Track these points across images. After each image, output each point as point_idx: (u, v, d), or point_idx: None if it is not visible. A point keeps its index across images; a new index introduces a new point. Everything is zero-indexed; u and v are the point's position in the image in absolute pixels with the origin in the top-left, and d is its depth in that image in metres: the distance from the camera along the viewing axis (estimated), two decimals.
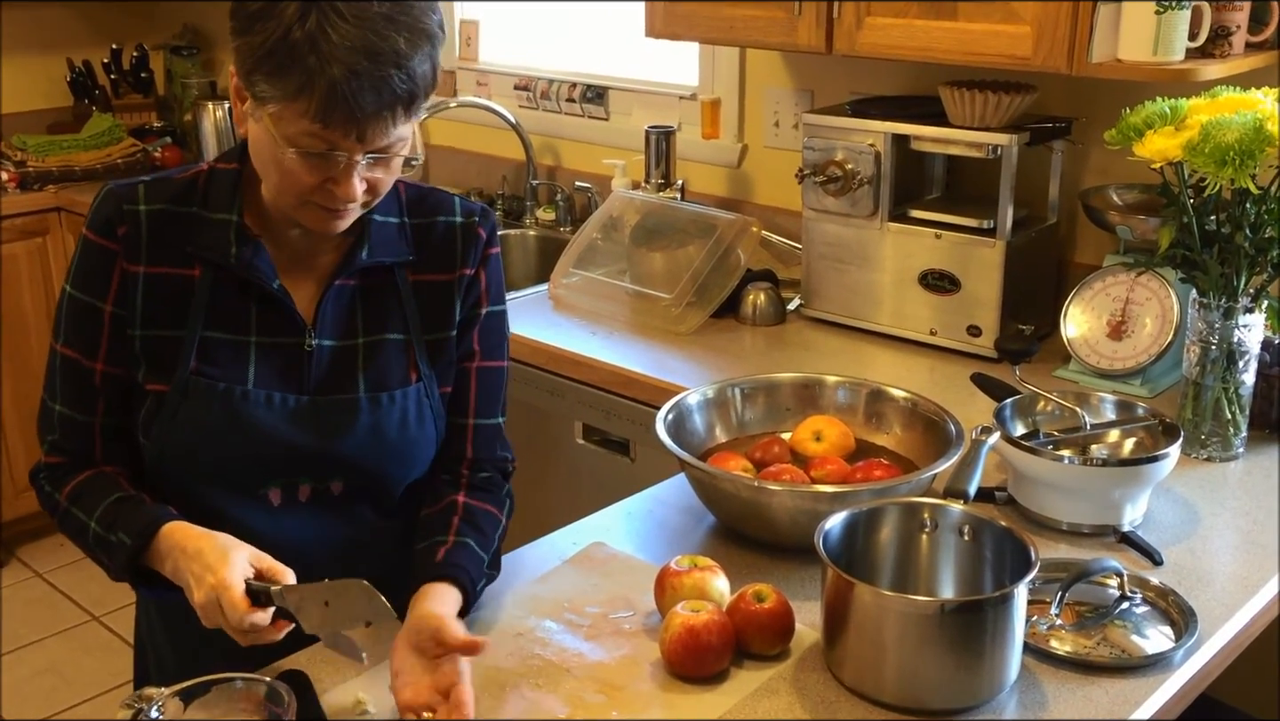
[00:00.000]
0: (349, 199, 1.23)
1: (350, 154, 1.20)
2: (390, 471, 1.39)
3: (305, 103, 1.15)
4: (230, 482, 1.34)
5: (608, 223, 2.63)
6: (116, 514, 1.29)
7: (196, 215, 1.31)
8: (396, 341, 1.37)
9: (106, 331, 1.31)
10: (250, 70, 1.18)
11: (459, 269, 1.40)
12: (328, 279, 1.35)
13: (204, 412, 1.30)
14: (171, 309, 1.31)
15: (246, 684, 1.08)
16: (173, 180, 1.34)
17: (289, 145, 1.19)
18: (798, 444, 1.66)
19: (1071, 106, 2.23)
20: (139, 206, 1.30)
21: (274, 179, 1.25)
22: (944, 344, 2.20)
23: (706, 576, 1.36)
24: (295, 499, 1.37)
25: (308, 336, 1.34)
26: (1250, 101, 1.68)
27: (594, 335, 2.32)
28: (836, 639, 1.26)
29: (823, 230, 2.30)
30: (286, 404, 1.33)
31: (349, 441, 1.34)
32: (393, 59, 1.15)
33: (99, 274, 1.31)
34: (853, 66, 2.50)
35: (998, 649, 1.21)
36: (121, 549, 1.26)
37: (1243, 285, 1.71)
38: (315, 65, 1.13)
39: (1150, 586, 1.42)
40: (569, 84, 3.11)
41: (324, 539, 1.36)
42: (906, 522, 1.36)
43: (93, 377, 1.33)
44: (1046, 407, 1.66)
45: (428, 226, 1.40)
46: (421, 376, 1.38)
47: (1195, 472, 1.73)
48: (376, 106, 1.16)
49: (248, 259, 1.30)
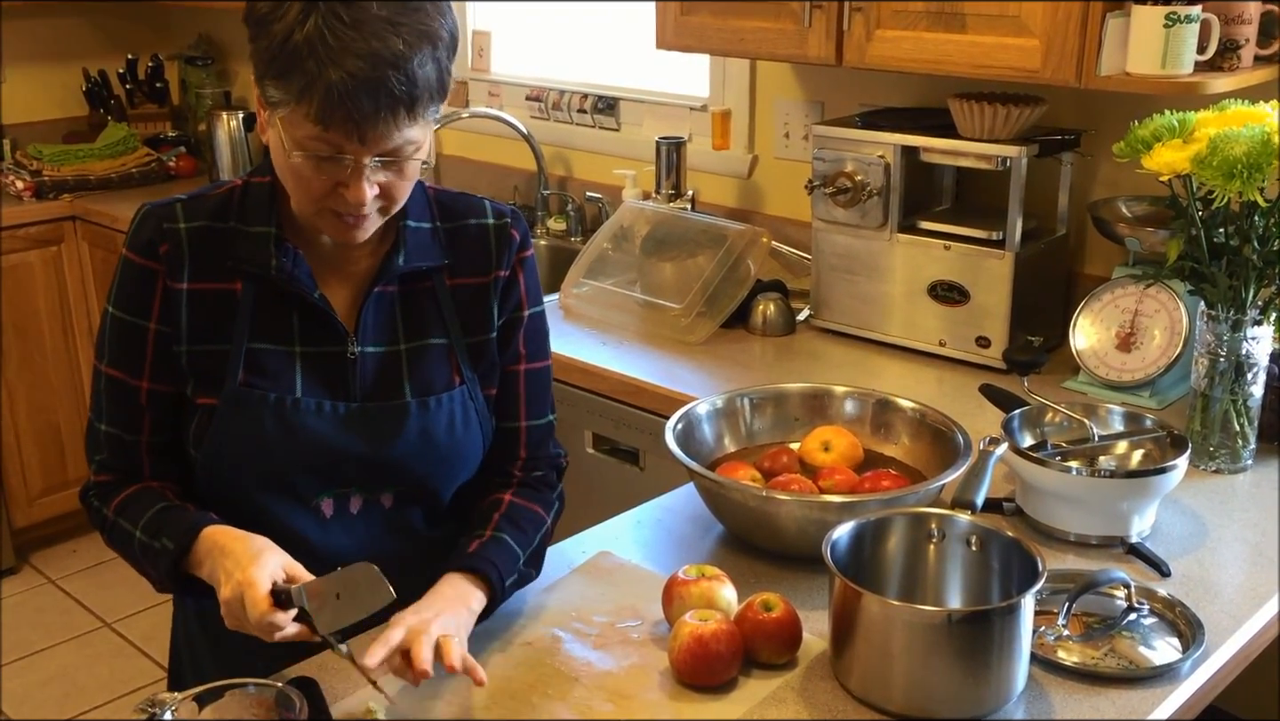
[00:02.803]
0: (358, 202, 1.23)
1: (356, 157, 1.20)
2: (439, 476, 1.40)
3: (307, 105, 1.16)
4: (283, 493, 1.35)
5: (618, 233, 2.64)
6: (161, 521, 1.30)
7: (235, 230, 1.33)
8: (439, 346, 1.38)
9: (151, 349, 1.33)
10: (261, 75, 1.21)
11: (494, 271, 1.40)
12: (366, 286, 1.36)
13: (256, 423, 1.31)
14: (216, 323, 1.32)
15: (259, 689, 1.09)
16: (208, 197, 1.35)
17: (297, 149, 1.20)
18: (806, 454, 1.66)
19: (1080, 119, 2.23)
20: (179, 225, 1.32)
21: (289, 185, 1.27)
22: (953, 355, 2.21)
23: (714, 586, 1.36)
24: (347, 510, 1.38)
25: (350, 344, 1.35)
26: (1258, 115, 1.68)
27: (604, 345, 2.33)
28: (844, 648, 1.27)
29: (832, 241, 2.31)
30: (337, 411, 1.33)
31: (399, 446, 1.35)
32: (390, 61, 1.15)
33: (142, 293, 1.32)
34: (862, 78, 2.51)
35: (1005, 659, 1.22)
36: (164, 554, 1.28)
37: (1251, 297, 1.71)
38: (314, 69, 1.14)
39: (1158, 597, 1.42)
40: (580, 95, 3.13)
41: (374, 552, 1.31)
42: (914, 533, 1.36)
43: (139, 396, 1.34)
44: (1054, 419, 1.66)
45: (460, 230, 1.40)
46: (465, 380, 1.39)
47: (1203, 484, 1.74)
48: (374, 109, 1.16)
49: (288, 270, 1.32)
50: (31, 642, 3.28)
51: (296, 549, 1.25)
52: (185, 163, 3.89)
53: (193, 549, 1.26)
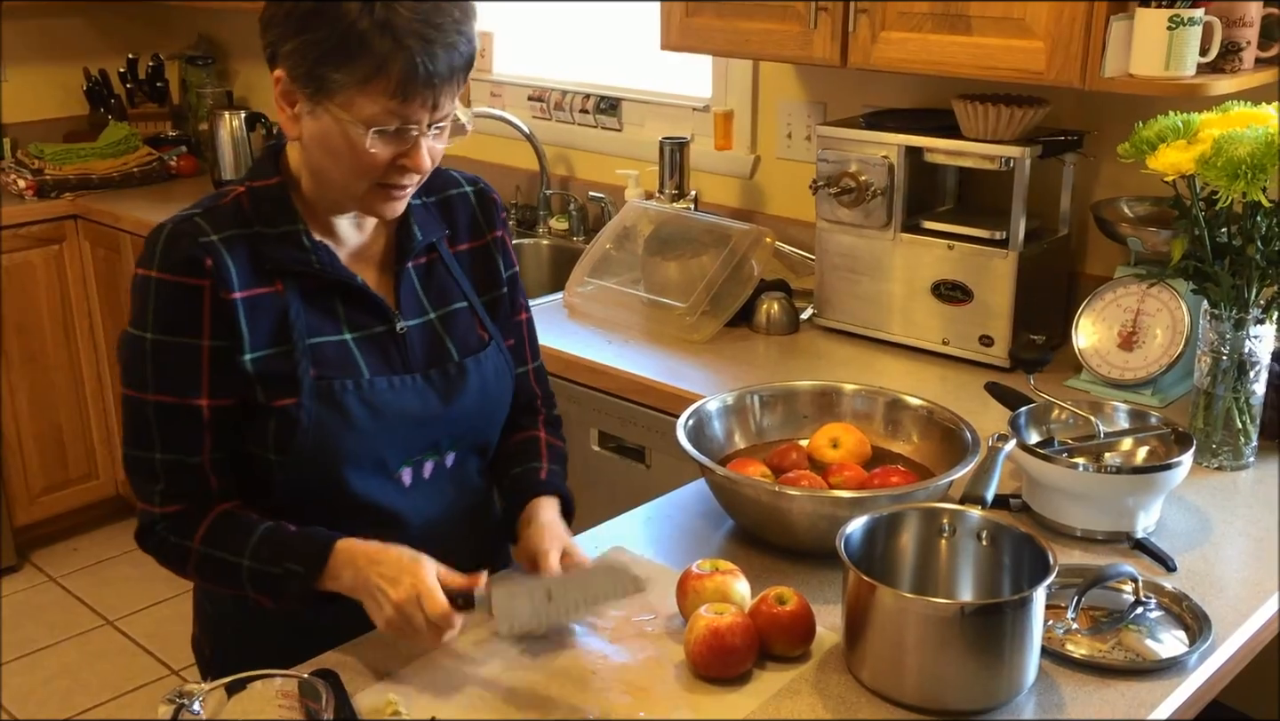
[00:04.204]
0: (420, 170, 1.31)
1: (420, 125, 1.28)
2: (494, 425, 1.52)
3: (383, 83, 1.23)
4: (372, 472, 1.39)
5: (621, 233, 2.66)
6: (275, 546, 1.32)
7: (260, 234, 1.35)
8: (462, 309, 1.48)
9: (207, 366, 1.32)
10: (314, 64, 1.25)
11: (489, 232, 1.53)
12: (394, 265, 1.43)
13: (342, 411, 1.35)
14: (272, 326, 1.34)
15: (284, 680, 1.11)
16: (220, 207, 1.36)
17: (369, 126, 1.26)
18: (815, 450, 1.68)
19: (1083, 120, 2.25)
20: (212, 236, 1.32)
21: (345, 167, 1.30)
22: (956, 353, 2.23)
23: (728, 580, 1.38)
24: (421, 476, 1.45)
25: (397, 320, 1.41)
26: (1261, 116, 1.71)
27: (609, 343, 2.35)
28: (857, 640, 1.28)
29: (836, 241, 2.33)
30: (405, 384, 1.40)
31: (464, 404, 1.44)
32: (454, 26, 1.26)
33: (187, 313, 1.31)
34: (865, 79, 2.53)
35: (1017, 651, 1.23)
36: (293, 577, 1.30)
37: (1254, 296, 1.73)
38: (389, 47, 1.22)
39: (1164, 592, 1.44)
40: (583, 95, 3.14)
41: (446, 509, 1.47)
42: (926, 527, 1.38)
43: (199, 415, 1.33)
44: (1061, 416, 1.68)
45: (446, 201, 1.50)
46: (491, 335, 1.49)
47: (1206, 481, 1.76)
48: (449, 70, 1.25)
49: (327, 261, 1.37)
50: (33, 640, 3.29)
51: (386, 521, 1.37)
52: (186, 162, 3.90)
53: (326, 567, 1.30)
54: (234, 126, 3.55)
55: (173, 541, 1.36)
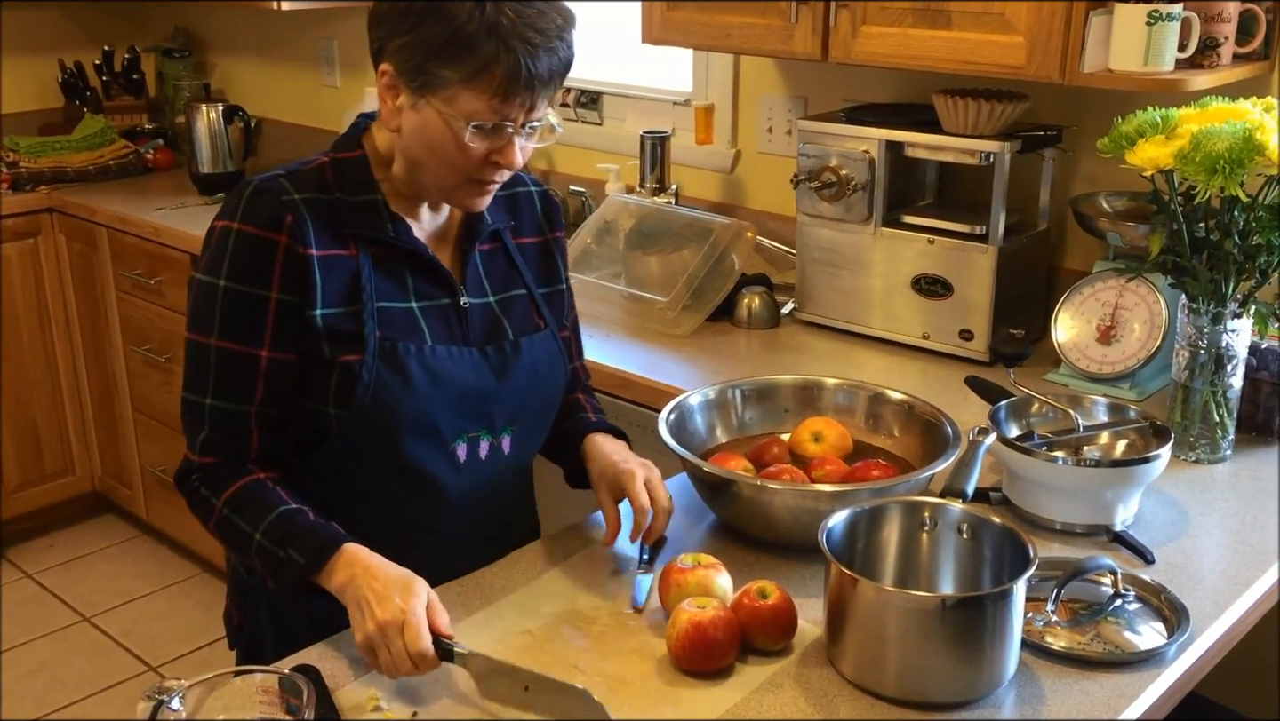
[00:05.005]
0: (512, 168, 1.39)
1: (515, 123, 1.35)
2: (546, 409, 1.57)
3: (486, 81, 1.30)
4: (427, 436, 1.44)
5: (602, 227, 2.66)
6: (286, 529, 1.34)
7: (340, 200, 1.42)
8: (521, 296, 1.55)
9: (272, 318, 1.37)
10: (423, 60, 1.31)
11: (551, 231, 1.62)
12: (462, 244, 1.51)
13: (404, 372, 1.41)
14: (343, 286, 1.40)
15: (265, 676, 1.10)
16: (304, 171, 1.43)
17: (469, 120, 1.32)
18: (796, 444, 1.68)
19: (1063, 115, 2.26)
20: (294, 196, 1.38)
21: (442, 159, 1.37)
22: (936, 347, 2.24)
23: (710, 574, 1.38)
24: (477, 455, 1.49)
25: (461, 294, 1.48)
26: (1239, 111, 1.72)
27: (590, 337, 2.34)
28: (839, 634, 1.29)
29: (817, 235, 2.34)
30: (464, 355, 1.46)
31: (517, 380, 1.50)
32: (556, 32, 1.33)
33: (262, 265, 1.36)
34: (846, 74, 2.54)
35: (997, 644, 1.24)
36: (291, 566, 1.32)
37: (1231, 291, 1.75)
38: (495, 48, 1.29)
39: (1143, 584, 1.45)
40: (563, 89, 3.13)
41: (494, 493, 1.53)
42: (907, 521, 1.39)
43: (257, 365, 1.38)
44: (1040, 410, 1.69)
45: (514, 197, 1.58)
46: (547, 323, 1.56)
47: (1184, 474, 1.77)
48: (549, 73, 1.32)
49: (402, 232, 1.44)
50: (10, 637, 3.27)
51: (431, 492, 1.43)
52: (163, 155, 3.87)
53: (327, 564, 1.31)
54: (211, 119, 3.53)
55: (203, 493, 1.40)
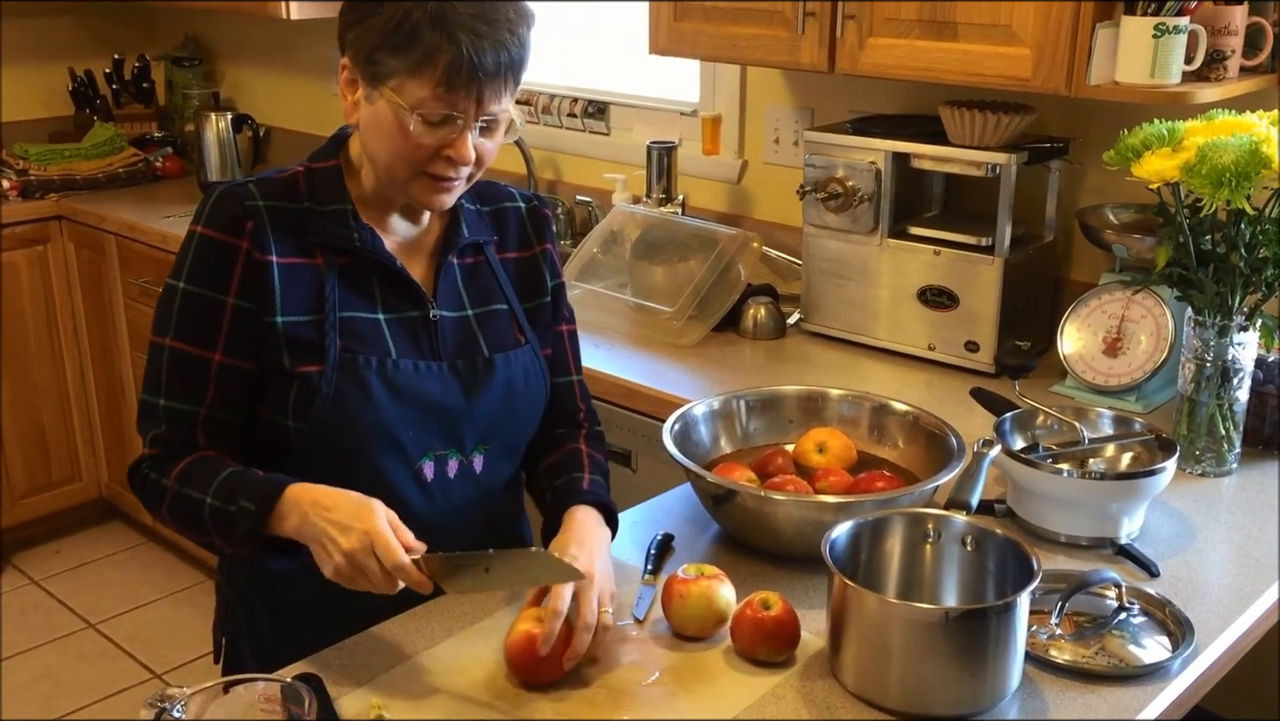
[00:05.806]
0: (463, 161, 1.35)
1: (465, 118, 1.33)
2: (521, 427, 1.53)
3: (430, 70, 1.29)
4: (390, 452, 1.41)
5: (609, 237, 2.66)
6: (235, 485, 1.33)
7: (309, 209, 1.41)
8: (501, 311, 1.52)
9: (226, 323, 1.37)
10: (372, 50, 1.31)
11: (538, 245, 1.57)
12: (437, 256, 1.49)
13: (363, 385, 1.39)
14: (306, 294, 1.39)
15: (267, 684, 1.10)
16: (276, 180, 1.43)
17: (415, 110, 1.31)
18: (801, 455, 1.68)
19: (1069, 127, 2.26)
20: (259, 202, 1.38)
21: (391, 150, 1.35)
22: (941, 359, 2.23)
23: (714, 585, 1.38)
24: (445, 474, 1.46)
25: (431, 307, 1.45)
26: (1246, 124, 1.71)
27: (596, 347, 2.34)
28: (842, 645, 1.28)
29: (823, 246, 2.34)
30: (430, 370, 1.43)
31: (488, 398, 1.46)
32: (506, 25, 1.31)
33: (220, 269, 1.37)
34: (852, 85, 2.54)
35: (1001, 656, 1.24)
36: (245, 515, 1.30)
37: (1237, 304, 1.74)
38: (439, 38, 1.28)
39: (1147, 598, 1.45)
40: (570, 99, 3.14)
41: (465, 513, 1.48)
42: (911, 533, 1.38)
43: (208, 368, 1.38)
44: (1045, 422, 1.69)
45: (500, 212, 1.56)
46: (528, 339, 1.52)
47: (1190, 487, 1.77)
48: (495, 68, 1.31)
49: (369, 241, 1.42)
50: (15, 643, 3.27)
51: (398, 512, 1.33)
52: (172, 163, 3.88)
53: (276, 507, 1.30)
54: (220, 128, 3.54)
55: (152, 478, 1.39)
